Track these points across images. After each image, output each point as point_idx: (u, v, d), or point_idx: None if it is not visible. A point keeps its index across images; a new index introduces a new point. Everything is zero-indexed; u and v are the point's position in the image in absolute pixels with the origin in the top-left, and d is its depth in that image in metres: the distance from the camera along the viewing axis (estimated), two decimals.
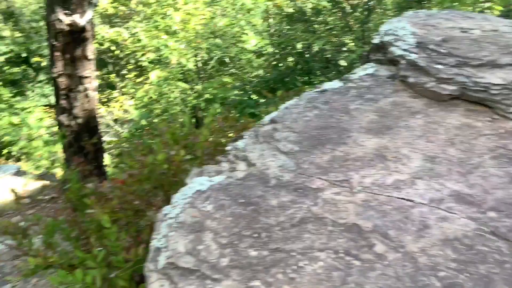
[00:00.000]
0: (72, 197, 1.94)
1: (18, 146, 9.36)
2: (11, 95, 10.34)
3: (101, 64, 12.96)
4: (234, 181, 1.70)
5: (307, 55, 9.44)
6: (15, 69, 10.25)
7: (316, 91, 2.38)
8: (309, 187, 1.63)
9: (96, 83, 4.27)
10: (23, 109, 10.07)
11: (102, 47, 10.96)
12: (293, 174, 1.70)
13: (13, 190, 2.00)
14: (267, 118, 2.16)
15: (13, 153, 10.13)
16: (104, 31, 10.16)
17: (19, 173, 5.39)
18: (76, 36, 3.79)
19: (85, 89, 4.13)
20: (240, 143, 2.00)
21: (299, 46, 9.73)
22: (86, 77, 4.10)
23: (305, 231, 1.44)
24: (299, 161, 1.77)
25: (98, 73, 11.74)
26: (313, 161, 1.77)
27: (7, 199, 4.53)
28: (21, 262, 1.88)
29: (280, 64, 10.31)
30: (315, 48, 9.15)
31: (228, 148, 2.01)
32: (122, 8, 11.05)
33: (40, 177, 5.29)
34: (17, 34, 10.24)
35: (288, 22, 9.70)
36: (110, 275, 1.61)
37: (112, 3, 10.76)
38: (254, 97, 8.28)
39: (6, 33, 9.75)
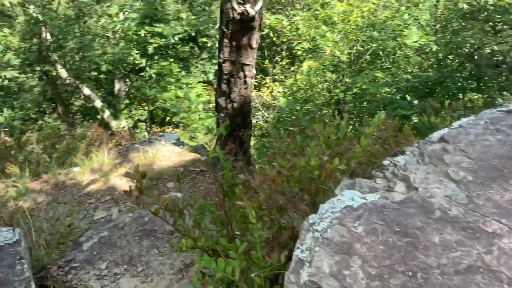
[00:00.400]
0: (224, 183, 2.03)
1: (179, 117, 10.54)
2: (178, 70, 11.65)
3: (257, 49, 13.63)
4: (390, 204, 1.54)
5: (476, 58, 8.27)
6: (186, 48, 11.49)
7: (500, 111, 2.02)
8: (482, 229, 1.38)
9: (254, 71, 4.45)
10: (187, 83, 11.27)
11: (261, 33, 11.48)
12: (463, 209, 1.46)
13: (178, 177, 2.20)
14: (435, 135, 1.91)
15: (173, 120, 11.46)
16: (265, 18, 10.59)
17: (178, 143, 6.04)
18: (245, 25, 3.97)
19: (245, 76, 4.33)
20: (400, 159, 1.81)
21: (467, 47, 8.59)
22: (247, 64, 4.29)
23: (472, 282, 1.22)
24: (472, 194, 1.51)
25: None
26: (490, 197, 1.49)
27: (166, 165, 5.12)
28: (175, 238, 2.09)
29: (442, 64, 9.30)
30: (487, 50, 7.96)
31: (385, 162, 1.84)
32: None
33: (194, 149, 5.83)
34: (191, 16, 11.44)
35: (460, 20, 8.62)
36: (249, 271, 1.62)
37: None
38: (408, 97, 7.62)
39: (183, 15, 10.97)
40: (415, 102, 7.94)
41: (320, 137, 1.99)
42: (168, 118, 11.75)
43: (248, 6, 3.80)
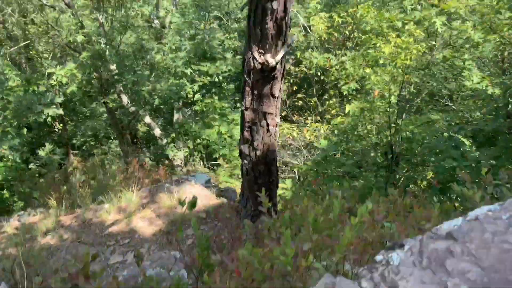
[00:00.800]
0: (200, 261, 1.83)
1: (219, 153, 10.55)
2: (227, 106, 11.78)
3: (305, 86, 13.55)
4: None
5: None
6: (231, 86, 11.68)
7: None
8: None
9: (278, 119, 4.28)
10: (233, 120, 11.34)
11: (310, 72, 11.36)
12: None
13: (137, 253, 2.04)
14: (444, 227, 1.57)
15: (214, 156, 11.48)
16: (313, 57, 10.48)
17: (208, 183, 5.94)
18: (266, 75, 3.85)
19: (267, 125, 4.17)
20: (395, 257, 1.50)
21: None
22: (270, 113, 4.13)
23: None
24: None
25: (300, 95, 12.28)
26: None
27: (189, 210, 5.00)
28: None
29: (502, 112, 8.54)
30: None
31: (378, 258, 1.53)
32: (336, 35, 11.19)
33: (222, 192, 5.68)
34: (238, 56, 11.69)
35: None
36: None
37: (327, 29, 11.04)
38: (468, 143, 6.96)
39: (228, 55, 11.26)
40: (474, 149, 7.25)
41: (309, 217, 1.74)
42: (214, 155, 11.80)
43: (268, 56, 3.66)
